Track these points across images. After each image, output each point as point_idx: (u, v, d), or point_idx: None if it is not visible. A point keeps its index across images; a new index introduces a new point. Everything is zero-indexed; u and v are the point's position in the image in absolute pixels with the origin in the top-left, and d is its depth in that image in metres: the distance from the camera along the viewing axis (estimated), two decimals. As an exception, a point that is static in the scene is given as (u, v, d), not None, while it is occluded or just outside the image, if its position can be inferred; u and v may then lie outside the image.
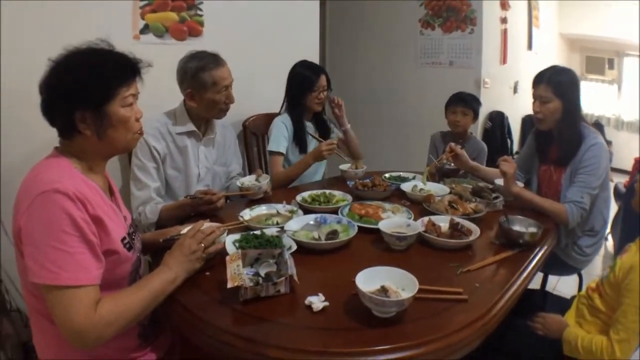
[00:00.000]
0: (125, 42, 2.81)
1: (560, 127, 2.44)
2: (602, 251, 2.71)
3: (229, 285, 1.40)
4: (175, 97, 2.53)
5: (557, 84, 2.38)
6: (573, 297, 1.99)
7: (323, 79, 3.03)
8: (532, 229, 1.95)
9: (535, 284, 2.86)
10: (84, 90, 1.37)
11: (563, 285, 3.31)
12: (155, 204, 2.34)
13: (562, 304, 2.04)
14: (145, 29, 2.95)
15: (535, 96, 2.46)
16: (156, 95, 2.71)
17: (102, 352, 1.45)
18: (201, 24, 3.18)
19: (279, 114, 3.19)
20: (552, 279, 2.98)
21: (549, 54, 6.21)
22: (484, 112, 4.96)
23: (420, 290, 1.35)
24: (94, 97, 1.38)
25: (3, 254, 2.48)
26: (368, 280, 1.38)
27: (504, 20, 5.03)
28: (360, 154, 3.28)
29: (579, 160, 2.38)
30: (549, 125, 2.46)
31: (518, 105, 5.58)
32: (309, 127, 3.16)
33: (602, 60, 6.85)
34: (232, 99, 2.50)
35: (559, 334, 1.73)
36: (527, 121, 5.70)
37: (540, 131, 2.61)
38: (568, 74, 2.47)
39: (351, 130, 3.27)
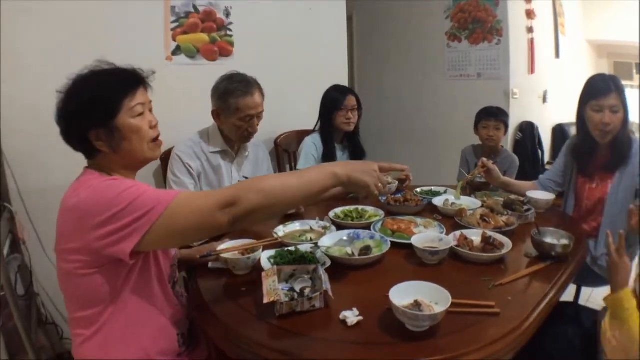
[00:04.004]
0: (158, 64, 2.92)
1: (617, 135, 2.37)
2: (637, 259, 2.64)
3: (266, 300, 1.43)
4: (208, 117, 2.59)
5: (622, 91, 2.31)
6: (605, 309, 1.96)
7: (351, 98, 3.09)
8: (564, 241, 1.92)
9: (569, 296, 2.82)
10: (91, 109, 1.42)
11: (598, 297, 3.25)
12: None
13: (595, 316, 2.02)
14: (177, 50, 3.05)
15: (604, 107, 2.32)
16: (189, 114, 2.81)
17: (143, 358, 1.50)
18: (231, 44, 3.27)
19: (313, 130, 3.24)
20: (585, 291, 2.93)
21: (577, 61, 6.11)
22: (513, 123, 4.92)
23: (452, 304, 1.35)
24: (101, 114, 1.43)
25: (39, 270, 2.58)
26: (401, 295, 1.40)
27: (530, 30, 5.00)
28: None
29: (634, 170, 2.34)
30: (613, 136, 2.38)
31: (548, 115, 5.51)
32: (338, 149, 3.20)
33: (630, 65, 6.71)
34: (254, 128, 2.53)
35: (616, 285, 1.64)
36: (557, 131, 5.62)
37: (582, 144, 2.54)
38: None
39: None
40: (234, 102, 2.42)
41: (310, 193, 1.45)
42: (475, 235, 1.98)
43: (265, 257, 1.84)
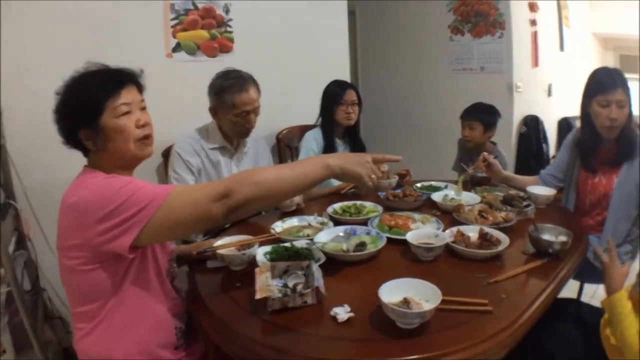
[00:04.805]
0: (158, 61, 2.93)
1: (623, 130, 2.36)
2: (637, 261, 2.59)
3: (258, 296, 1.45)
4: (208, 113, 2.59)
5: (627, 86, 2.29)
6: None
7: (351, 93, 3.09)
8: (562, 238, 1.89)
9: (572, 293, 2.80)
10: (77, 110, 1.47)
11: (603, 294, 3.21)
12: None
13: (597, 314, 2.00)
14: (177, 47, 3.06)
15: (611, 101, 2.29)
16: (190, 110, 2.82)
17: (142, 350, 1.54)
18: (231, 40, 3.28)
19: (314, 125, 3.25)
20: (590, 288, 2.90)
21: (582, 54, 6.07)
22: (517, 117, 4.91)
23: (444, 302, 1.35)
24: (86, 115, 1.46)
25: (45, 265, 2.60)
26: (392, 292, 1.40)
27: (533, 23, 4.98)
28: None
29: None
30: (619, 131, 2.37)
31: (553, 109, 5.49)
32: (339, 144, 3.20)
33: (636, 58, 6.64)
34: (251, 124, 2.53)
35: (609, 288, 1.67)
36: (563, 124, 5.58)
37: (587, 138, 2.51)
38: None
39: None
40: (230, 98, 2.42)
41: (303, 184, 1.49)
42: (472, 232, 1.97)
43: (261, 252, 1.84)
